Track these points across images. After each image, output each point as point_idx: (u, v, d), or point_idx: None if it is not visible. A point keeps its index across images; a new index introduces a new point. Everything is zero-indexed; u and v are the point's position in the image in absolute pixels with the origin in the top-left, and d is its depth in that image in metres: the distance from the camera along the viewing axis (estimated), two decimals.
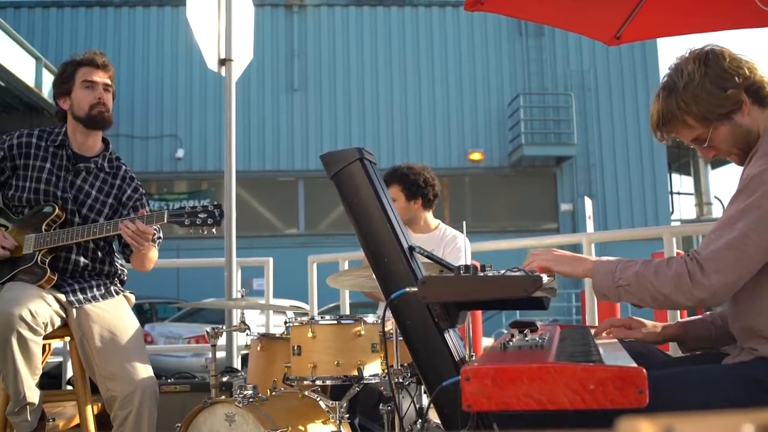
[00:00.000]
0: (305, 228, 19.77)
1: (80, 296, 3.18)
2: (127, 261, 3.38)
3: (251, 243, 15.99)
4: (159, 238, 3.33)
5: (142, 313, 14.36)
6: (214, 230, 3.11)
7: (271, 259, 5.74)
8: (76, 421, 3.28)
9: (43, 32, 19.32)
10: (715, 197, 23.29)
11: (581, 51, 20.03)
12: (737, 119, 1.97)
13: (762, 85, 1.98)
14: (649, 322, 2.31)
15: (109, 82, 3.31)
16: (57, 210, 3.18)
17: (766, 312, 1.87)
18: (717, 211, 22.23)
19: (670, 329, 2.30)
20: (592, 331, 2.38)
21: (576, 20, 4.53)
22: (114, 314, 3.22)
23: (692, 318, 2.37)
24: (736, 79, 1.95)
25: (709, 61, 1.96)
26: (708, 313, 2.31)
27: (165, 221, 3.04)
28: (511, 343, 1.86)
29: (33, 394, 2.92)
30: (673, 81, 2.01)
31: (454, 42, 20.09)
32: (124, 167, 3.43)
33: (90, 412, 3.17)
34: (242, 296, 3.75)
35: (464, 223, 2.70)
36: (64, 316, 3.15)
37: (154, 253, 3.30)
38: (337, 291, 5.60)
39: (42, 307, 2.98)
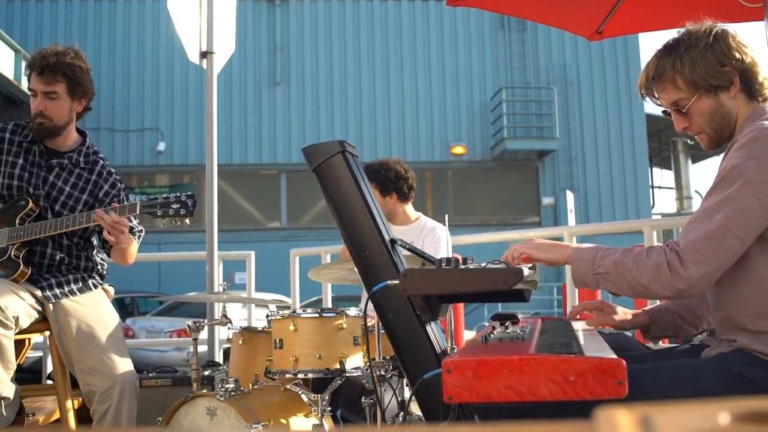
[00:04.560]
0: (288, 221, 19.72)
1: (57, 291, 3.15)
2: (109, 255, 3.35)
3: (234, 237, 15.93)
4: (140, 231, 3.30)
5: (123, 307, 14.27)
6: (187, 221, 3.07)
7: (252, 253, 5.73)
8: (56, 416, 3.26)
9: (23, 24, 19.12)
10: (696, 191, 23.45)
11: (563, 45, 20.08)
12: (722, 97, 1.99)
13: (756, 77, 2.00)
14: (620, 309, 2.33)
15: (51, 89, 3.13)
16: (31, 203, 3.13)
17: (745, 303, 1.89)
18: (697, 205, 22.26)
19: (640, 317, 2.32)
20: (574, 324, 2.39)
21: (558, 15, 4.54)
22: (92, 308, 3.19)
23: (657, 306, 2.40)
24: (736, 60, 1.97)
25: (718, 35, 1.99)
26: (671, 301, 2.33)
27: (137, 212, 3.01)
28: (492, 336, 1.86)
29: (7, 389, 2.87)
30: (677, 42, 2.04)
31: (436, 36, 20.08)
32: (101, 162, 3.33)
33: (70, 406, 3.14)
34: (224, 290, 3.73)
35: (446, 216, 2.70)
36: (41, 310, 3.13)
37: (134, 247, 3.26)
38: (320, 284, 5.60)
39: (12, 301, 2.94)
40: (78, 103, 3.24)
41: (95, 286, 3.31)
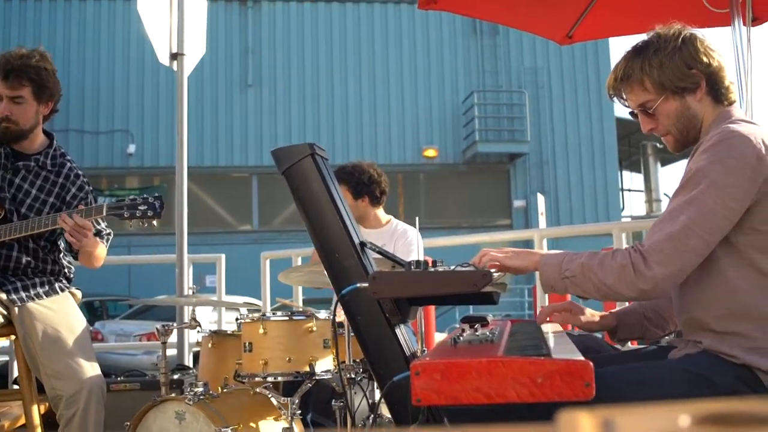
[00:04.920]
0: (259, 224, 19.65)
1: (22, 294, 3.10)
2: (76, 259, 3.31)
3: (204, 239, 15.83)
4: (109, 234, 3.27)
5: (93, 310, 14.13)
6: (155, 222, 3.06)
7: (223, 256, 5.70)
8: (23, 421, 3.21)
9: None
10: (665, 194, 23.71)
11: (535, 49, 20.21)
12: (689, 100, 2.02)
13: (722, 81, 2.03)
14: (588, 310, 2.35)
15: (16, 94, 3.09)
16: None
17: (710, 305, 1.90)
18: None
19: (607, 319, 2.34)
20: (543, 327, 2.40)
21: (528, 19, 4.57)
22: (58, 312, 3.15)
23: (625, 308, 2.42)
24: (703, 63, 2.00)
25: (686, 39, 2.02)
26: (638, 303, 2.35)
27: (104, 214, 2.97)
28: (461, 338, 1.86)
29: None
30: (646, 44, 2.07)
31: (409, 39, 20.12)
32: (69, 164, 3.28)
33: (36, 411, 3.11)
34: (193, 293, 3.71)
35: (417, 218, 2.70)
36: (7, 314, 3.09)
37: (101, 250, 3.22)
38: (291, 287, 5.58)
39: None
40: (44, 106, 3.20)
41: (62, 290, 3.26)
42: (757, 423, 0.48)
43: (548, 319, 2.39)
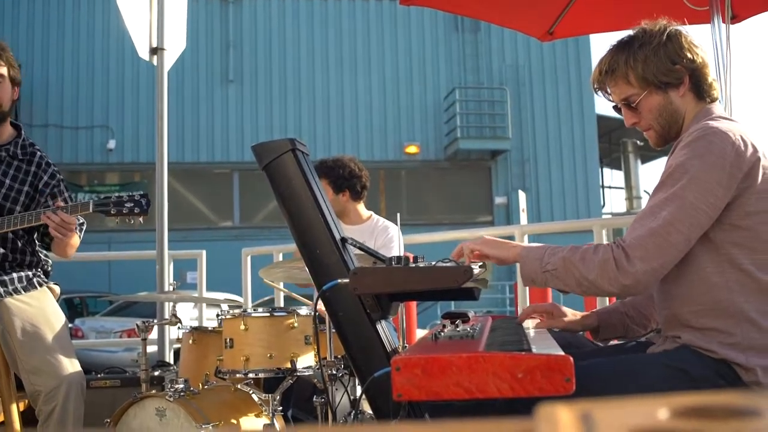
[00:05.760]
0: (240, 220, 19.58)
1: (0, 289, 3.08)
2: (47, 249, 3.30)
3: (186, 236, 15.75)
4: (82, 224, 3.25)
5: (73, 307, 14.02)
6: (141, 219, 3.06)
7: (203, 252, 5.67)
8: (1, 418, 3.19)
9: None
10: (645, 191, 23.82)
11: (516, 46, 20.25)
12: (672, 95, 2.03)
13: (705, 78, 2.05)
14: (570, 311, 2.35)
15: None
16: None
17: (690, 301, 1.92)
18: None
19: (589, 318, 2.34)
20: (524, 323, 2.41)
21: (509, 16, 4.59)
22: (37, 307, 3.13)
23: (606, 307, 2.43)
24: (686, 59, 2.01)
25: (672, 35, 2.03)
26: (620, 302, 2.36)
27: (90, 211, 2.98)
28: (442, 334, 1.87)
29: None
30: (631, 38, 2.08)
31: (390, 35, 20.11)
32: (39, 153, 3.30)
33: (15, 408, 3.08)
34: (174, 289, 3.69)
35: (398, 215, 2.70)
36: None
37: (75, 240, 3.20)
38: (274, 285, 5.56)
39: None
40: (15, 92, 3.23)
41: (40, 284, 3.24)
42: (735, 416, 0.48)
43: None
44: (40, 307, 3.14)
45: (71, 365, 3.03)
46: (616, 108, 2.16)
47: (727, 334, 1.85)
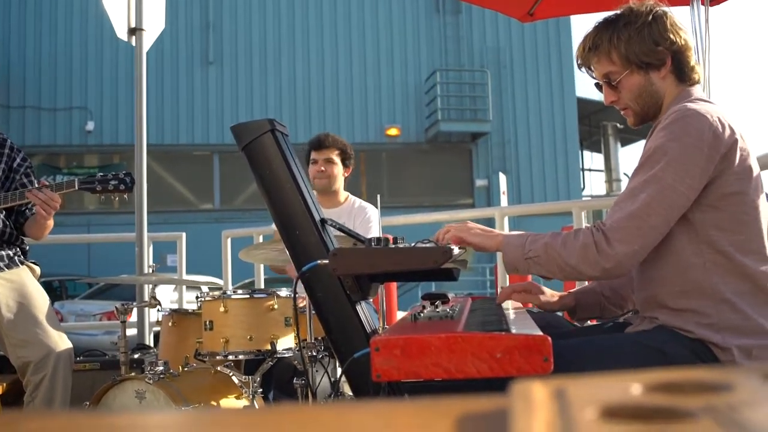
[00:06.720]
0: (221, 203, 19.50)
1: None
2: (18, 231, 3.27)
3: (166, 218, 15.67)
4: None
5: (52, 290, 13.92)
6: (126, 196, 3.12)
7: (183, 234, 5.65)
8: None
9: None
10: (624, 174, 23.93)
11: (497, 29, 20.23)
12: (653, 76, 2.04)
13: (688, 61, 2.05)
14: (547, 290, 2.36)
15: None
16: None
17: (667, 282, 1.93)
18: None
19: (567, 298, 2.36)
20: (504, 304, 2.42)
21: None
22: (20, 283, 3.15)
23: (583, 287, 2.44)
24: (669, 41, 2.02)
25: (657, 16, 2.04)
26: (597, 282, 2.37)
27: (76, 188, 3.03)
28: (422, 315, 1.87)
29: None
30: (617, 17, 2.08)
31: (371, 17, 20.01)
32: (8, 139, 3.33)
33: None
34: (153, 271, 3.67)
35: (378, 197, 2.70)
36: None
37: (51, 222, 3.22)
38: (253, 266, 5.56)
39: None
40: None
41: (21, 263, 3.25)
42: (706, 390, 0.48)
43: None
44: (24, 284, 3.17)
45: (59, 336, 3.07)
46: (597, 85, 2.17)
47: (704, 314, 1.87)
